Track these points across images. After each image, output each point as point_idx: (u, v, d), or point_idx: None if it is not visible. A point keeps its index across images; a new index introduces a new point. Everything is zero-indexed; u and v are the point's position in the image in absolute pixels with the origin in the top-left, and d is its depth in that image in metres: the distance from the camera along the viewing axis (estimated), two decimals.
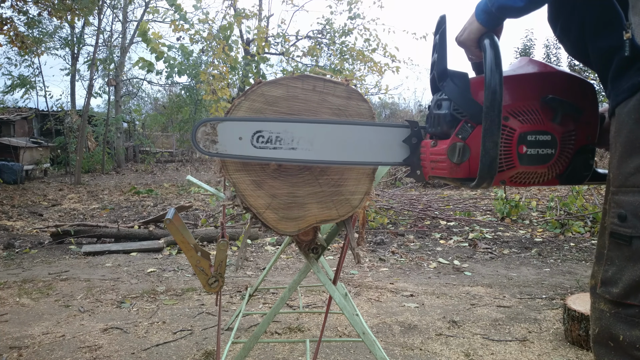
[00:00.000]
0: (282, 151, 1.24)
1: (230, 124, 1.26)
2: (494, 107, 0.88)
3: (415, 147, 1.20)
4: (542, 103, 0.97)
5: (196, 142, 1.27)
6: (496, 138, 0.88)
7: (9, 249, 4.67)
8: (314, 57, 8.01)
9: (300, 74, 1.42)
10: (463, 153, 0.98)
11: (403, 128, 1.23)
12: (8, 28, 7.43)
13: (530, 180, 1.02)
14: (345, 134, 1.24)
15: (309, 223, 1.45)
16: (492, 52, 0.92)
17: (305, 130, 1.24)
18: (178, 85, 16.92)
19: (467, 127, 0.98)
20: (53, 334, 2.47)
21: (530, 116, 0.97)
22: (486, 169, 0.90)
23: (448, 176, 1.02)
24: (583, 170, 1.02)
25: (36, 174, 12.60)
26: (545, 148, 0.97)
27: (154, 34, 4.97)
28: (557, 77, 1.01)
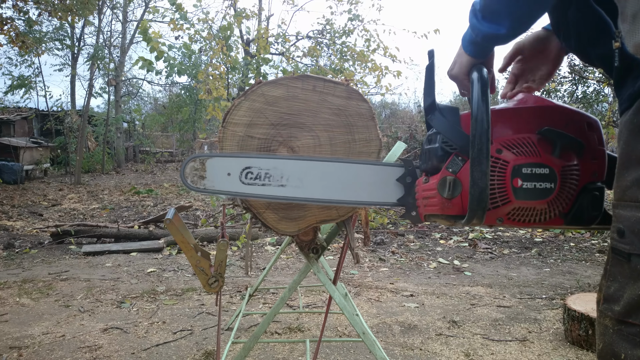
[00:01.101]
0: (271, 188, 1.22)
1: (219, 160, 1.25)
2: (480, 136, 0.85)
3: (409, 187, 1.16)
4: (539, 136, 0.93)
5: (184, 177, 1.26)
6: (484, 167, 0.84)
7: (9, 249, 4.67)
8: (314, 58, 8.00)
9: (300, 74, 1.42)
10: (454, 187, 0.94)
11: (397, 167, 1.19)
12: (8, 28, 7.44)
13: (531, 218, 0.95)
14: (337, 172, 1.21)
15: (309, 223, 1.45)
16: (479, 84, 0.90)
17: (295, 167, 1.21)
18: (178, 85, 16.92)
19: (458, 161, 0.95)
20: (53, 334, 2.47)
21: (525, 149, 0.93)
22: (475, 201, 0.86)
23: (440, 213, 0.97)
24: (591, 210, 0.95)
25: (36, 174, 12.59)
26: (544, 182, 0.92)
27: (154, 32, 4.97)
28: (556, 111, 0.98)
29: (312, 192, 1.21)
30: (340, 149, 1.41)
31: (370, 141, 1.42)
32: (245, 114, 1.39)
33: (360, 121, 1.41)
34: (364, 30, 7.75)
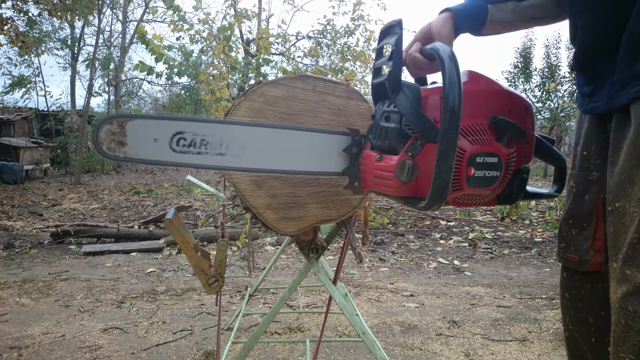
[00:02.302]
0: (207, 157, 1.08)
1: (143, 122, 1.05)
2: (452, 129, 0.82)
3: (355, 157, 1.12)
4: (490, 123, 0.95)
5: (98, 143, 1.03)
6: (451, 162, 0.84)
7: (9, 249, 4.67)
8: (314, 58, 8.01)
9: (300, 74, 1.42)
10: (412, 172, 0.93)
11: (344, 136, 1.14)
12: (8, 28, 7.44)
13: (473, 202, 0.99)
14: (282, 140, 1.12)
15: (309, 223, 1.45)
16: (452, 64, 0.85)
17: (236, 134, 1.09)
18: (178, 86, 16.92)
19: (417, 145, 0.93)
20: (53, 334, 2.47)
21: (479, 136, 0.93)
22: (439, 193, 0.86)
23: (394, 194, 0.97)
24: (518, 191, 1.01)
25: (36, 174, 12.59)
26: (492, 170, 0.94)
27: (153, 35, 4.97)
28: (503, 96, 0.99)
29: (254, 162, 1.11)
30: None
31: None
32: (245, 114, 1.39)
33: (361, 121, 1.41)
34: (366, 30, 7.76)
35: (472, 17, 1.04)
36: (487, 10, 1.03)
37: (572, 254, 1.06)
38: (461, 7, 1.03)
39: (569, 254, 1.07)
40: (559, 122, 13.33)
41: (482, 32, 1.08)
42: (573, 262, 1.06)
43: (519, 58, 14.77)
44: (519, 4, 1.03)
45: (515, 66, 14.80)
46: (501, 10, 1.04)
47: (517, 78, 14.71)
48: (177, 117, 1.06)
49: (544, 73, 14.38)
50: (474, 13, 1.04)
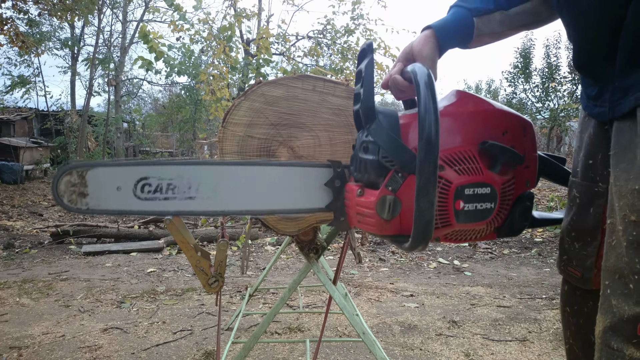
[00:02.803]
0: (176, 202, 1.00)
1: (104, 170, 0.99)
2: (429, 161, 0.73)
3: (338, 191, 1.04)
4: (481, 149, 0.85)
5: (59, 195, 0.97)
6: (432, 198, 0.74)
7: (9, 249, 4.67)
8: (314, 58, 8.01)
9: (300, 74, 1.42)
10: (394, 208, 0.84)
11: (324, 168, 1.06)
12: (8, 28, 7.44)
13: (467, 237, 0.91)
14: (256, 178, 1.04)
15: (309, 223, 1.45)
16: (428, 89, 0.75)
17: (206, 175, 1.01)
18: (178, 85, 16.92)
19: (398, 177, 0.83)
20: (53, 334, 2.47)
21: (468, 165, 0.84)
22: (421, 233, 0.75)
23: (376, 233, 0.88)
24: (522, 220, 0.91)
25: (36, 174, 12.59)
26: (485, 202, 0.85)
27: (153, 33, 4.97)
28: (495, 116, 0.89)
29: (227, 204, 1.03)
30: (341, 148, 1.41)
31: None
32: (245, 114, 1.39)
33: None
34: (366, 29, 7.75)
35: (456, 33, 0.96)
36: (472, 24, 0.95)
37: (574, 269, 0.98)
38: (443, 23, 0.95)
39: (571, 269, 0.99)
40: (559, 122, 13.33)
41: (469, 46, 1.01)
42: (574, 278, 0.99)
43: (518, 58, 14.77)
44: (507, 13, 0.96)
45: (515, 66, 14.81)
46: (488, 22, 0.96)
47: (517, 78, 14.72)
48: (141, 162, 1.00)
49: (544, 73, 14.37)
50: (459, 28, 0.95)
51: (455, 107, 0.89)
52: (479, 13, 0.95)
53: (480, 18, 0.95)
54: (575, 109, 13.43)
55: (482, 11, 0.95)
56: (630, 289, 0.71)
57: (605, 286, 0.76)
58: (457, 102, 0.90)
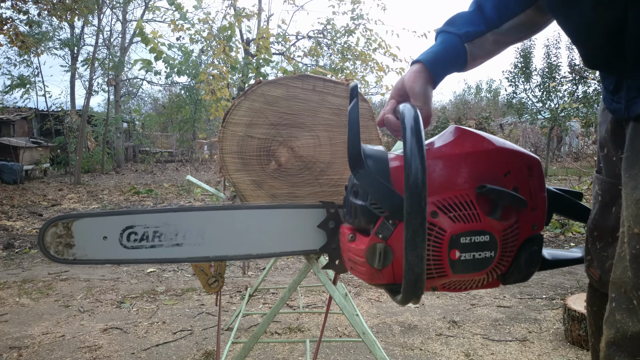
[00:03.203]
0: (163, 250, 0.98)
1: (90, 220, 0.98)
2: (416, 213, 0.67)
3: (333, 232, 1.00)
4: (478, 193, 0.79)
5: (45, 247, 0.96)
6: (421, 251, 0.69)
7: (9, 249, 4.67)
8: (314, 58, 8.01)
9: (300, 74, 1.42)
10: (385, 256, 0.80)
11: (317, 209, 1.01)
12: (8, 28, 7.43)
13: (467, 287, 0.86)
14: (245, 221, 1.01)
15: None
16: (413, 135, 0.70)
17: (193, 221, 0.99)
18: (178, 85, 16.92)
19: (389, 225, 0.79)
20: (53, 334, 2.47)
21: (463, 211, 0.78)
22: (411, 288, 0.71)
23: (368, 282, 0.84)
24: (529, 267, 0.85)
25: (36, 174, 12.59)
26: (484, 251, 0.79)
27: (152, 32, 4.97)
28: (496, 156, 0.82)
29: (216, 249, 1.00)
30: (341, 148, 1.41)
31: (370, 141, 1.42)
32: (245, 114, 1.39)
33: (361, 121, 1.40)
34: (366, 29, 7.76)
35: (448, 64, 0.89)
36: (464, 51, 0.88)
37: (594, 270, 0.92)
38: (433, 56, 0.88)
39: (592, 269, 0.93)
40: (559, 122, 13.32)
41: (464, 70, 0.95)
42: (594, 280, 0.93)
43: (519, 58, 14.77)
44: (500, 30, 0.89)
45: (515, 66, 14.80)
46: (481, 45, 0.89)
47: (517, 78, 14.71)
48: (126, 210, 0.99)
49: (544, 73, 14.37)
50: (450, 59, 0.88)
51: (451, 147, 0.83)
52: (470, 38, 0.88)
53: (472, 42, 0.88)
54: (576, 109, 13.43)
55: (473, 35, 0.87)
56: (634, 305, 0.68)
57: (612, 299, 0.73)
58: (454, 142, 0.84)
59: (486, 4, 0.88)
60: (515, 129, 18.69)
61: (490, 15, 0.87)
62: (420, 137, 0.69)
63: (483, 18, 0.88)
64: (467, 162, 0.81)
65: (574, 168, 12.62)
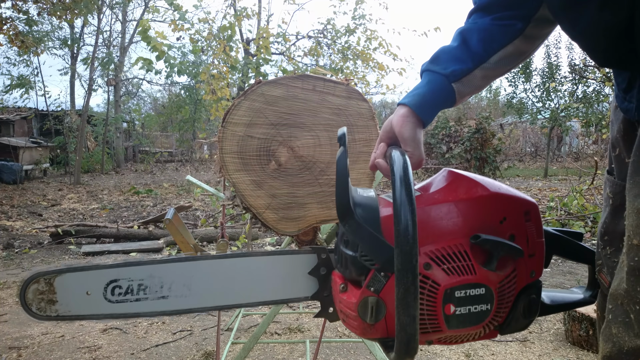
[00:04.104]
0: (148, 303, 0.95)
1: (73, 275, 0.95)
2: (407, 270, 0.64)
3: (324, 279, 0.95)
4: (472, 243, 0.75)
5: (27, 305, 0.93)
6: (414, 311, 0.65)
7: (9, 249, 4.66)
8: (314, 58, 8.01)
9: (300, 74, 1.41)
10: (377, 310, 0.76)
11: (308, 255, 0.98)
12: (8, 27, 7.43)
13: (464, 339, 0.83)
14: (232, 270, 0.98)
15: (309, 223, 1.45)
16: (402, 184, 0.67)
17: (178, 272, 0.96)
18: (178, 85, 16.93)
19: (380, 277, 0.75)
20: (52, 334, 2.47)
21: (458, 263, 0.75)
22: (404, 347, 0.67)
23: (361, 337, 0.81)
24: (528, 316, 0.82)
25: (35, 174, 12.59)
26: (480, 304, 0.76)
27: (156, 32, 4.97)
28: (491, 202, 0.78)
29: (203, 300, 0.98)
30: None
31: (370, 141, 1.41)
32: (245, 114, 1.38)
33: (361, 121, 1.40)
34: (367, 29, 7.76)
35: (436, 106, 0.85)
36: (452, 91, 0.84)
37: (604, 276, 0.89)
38: (420, 99, 0.84)
39: (602, 275, 0.90)
40: (559, 122, 13.32)
41: (453, 106, 0.91)
42: (604, 286, 0.89)
43: None
44: (488, 64, 0.85)
45: None
46: (469, 83, 0.85)
47: (518, 78, 14.72)
48: (109, 264, 0.96)
49: (544, 73, 14.38)
50: (437, 101, 0.85)
51: (444, 194, 0.79)
52: (457, 77, 0.83)
53: (460, 81, 0.84)
54: (576, 109, 13.43)
55: (460, 73, 0.83)
56: (631, 319, 0.66)
57: (609, 310, 0.71)
58: (447, 188, 0.80)
59: (471, 37, 0.84)
60: (515, 129, 18.69)
61: (477, 50, 0.83)
62: (409, 188, 0.66)
63: (469, 53, 0.83)
64: (460, 210, 0.77)
65: (574, 168, 12.62)
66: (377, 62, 7.34)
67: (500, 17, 0.83)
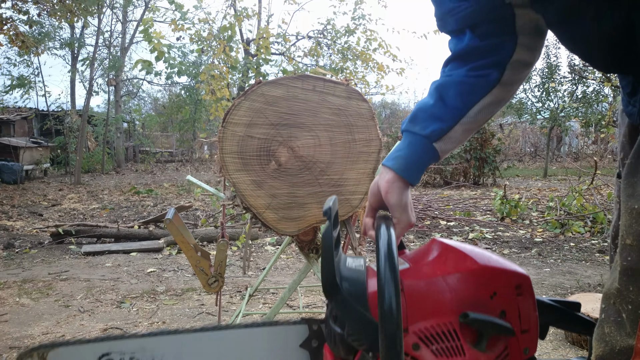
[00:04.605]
0: None
1: (65, 349, 0.95)
2: (392, 357, 0.62)
3: (316, 352, 0.92)
4: (462, 322, 0.72)
5: None
6: None
7: (9, 249, 4.67)
8: (314, 58, 8.02)
9: (300, 74, 1.42)
10: None
11: (299, 326, 0.95)
12: (8, 28, 7.44)
13: None
14: (224, 342, 0.98)
15: (309, 223, 1.45)
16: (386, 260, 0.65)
17: (169, 345, 0.96)
18: (178, 85, 16.94)
19: (368, 358, 0.72)
20: (53, 334, 2.47)
21: (447, 343, 0.71)
22: None
23: None
24: None
25: (36, 174, 12.59)
26: None
27: (155, 32, 4.97)
28: (481, 276, 0.75)
29: None
30: (341, 148, 1.41)
31: (370, 141, 1.42)
32: (245, 114, 1.39)
33: (361, 121, 1.41)
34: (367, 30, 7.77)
35: (421, 167, 0.84)
36: (434, 150, 0.83)
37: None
38: (403, 162, 0.83)
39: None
40: (559, 122, 13.33)
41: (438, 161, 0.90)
42: None
43: None
44: (467, 118, 0.82)
45: None
46: (450, 140, 0.83)
47: None
48: (101, 337, 0.96)
49: (544, 73, 14.38)
50: (421, 162, 0.83)
51: (432, 267, 0.76)
52: (437, 136, 0.82)
53: (441, 140, 0.82)
54: (575, 109, 13.43)
55: (440, 132, 0.82)
56: (623, 318, 0.66)
57: (602, 310, 0.71)
58: (435, 261, 0.77)
59: (447, 93, 0.82)
60: (515, 129, 18.69)
61: (455, 105, 0.82)
62: (394, 268, 0.64)
63: (447, 109, 0.82)
64: (450, 285, 0.74)
65: (574, 168, 12.63)
66: (376, 63, 7.35)
67: (476, 67, 0.81)
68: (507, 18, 0.78)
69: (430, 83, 0.86)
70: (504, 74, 0.81)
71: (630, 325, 0.65)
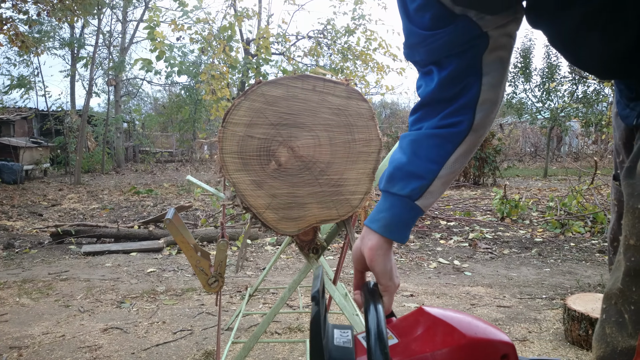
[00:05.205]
0: None
1: None
2: None
3: None
4: None
5: None
6: None
7: (9, 249, 4.67)
8: (314, 58, 8.03)
9: (300, 74, 1.42)
10: None
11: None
12: (8, 28, 7.43)
13: None
14: None
15: (309, 223, 1.45)
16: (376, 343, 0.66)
17: None
18: (178, 85, 16.93)
19: None
20: (53, 334, 2.47)
21: None
22: None
23: None
24: None
25: (36, 174, 12.60)
26: None
27: (156, 32, 4.97)
28: (467, 351, 0.76)
29: None
30: (340, 149, 1.41)
31: (370, 141, 1.42)
32: (245, 114, 1.39)
33: (361, 121, 1.41)
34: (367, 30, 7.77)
35: (406, 225, 0.83)
36: (417, 207, 0.82)
37: None
38: (388, 223, 0.81)
39: None
40: (559, 122, 13.33)
41: (423, 214, 0.88)
42: None
43: (518, 58, 14.77)
44: (444, 170, 0.81)
45: (515, 66, 14.81)
46: (431, 194, 0.82)
47: (517, 78, 14.72)
48: None
49: (544, 73, 14.38)
50: (405, 220, 0.83)
51: (421, 343, 0.77)
52: (418, 195, 0.81)
53: (422, 197, 0.81)
54: (575, 109, 13.43)
55: (419, 191, 0.81)
56: (625, 319, 0.66)
57: (602, 310, 0.71)
58: (424, 336, 0.77)
59: (420, 148, 0.81)
60: (515, 128, 18.69)
61: (430, 158, 0.81)
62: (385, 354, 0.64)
63: (423, 165, 0.81)
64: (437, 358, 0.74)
65: (574, 168, 12.63)
66: (376, 63, 7.36)
67: (446, 115, 0.80)
68: (479, 49, 0.77)
69: (401, 136, 0.85)
70: (475, 117, 0.80)
71: (633, 326, 0.65)
